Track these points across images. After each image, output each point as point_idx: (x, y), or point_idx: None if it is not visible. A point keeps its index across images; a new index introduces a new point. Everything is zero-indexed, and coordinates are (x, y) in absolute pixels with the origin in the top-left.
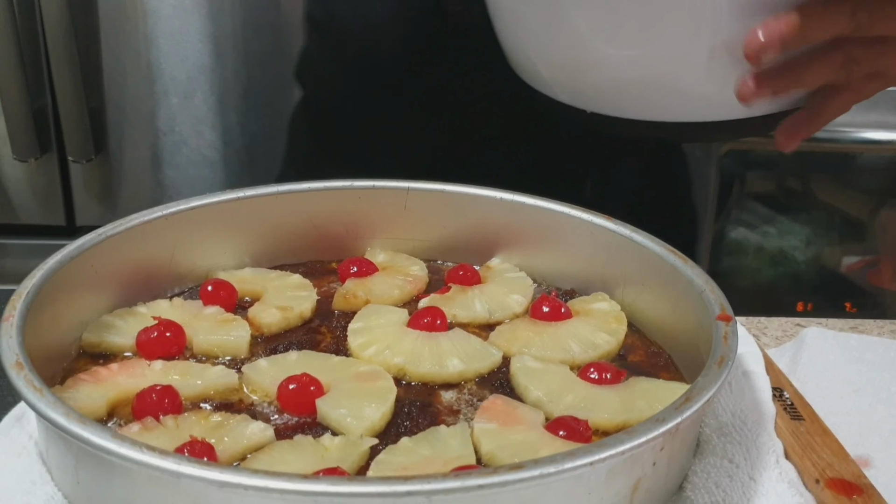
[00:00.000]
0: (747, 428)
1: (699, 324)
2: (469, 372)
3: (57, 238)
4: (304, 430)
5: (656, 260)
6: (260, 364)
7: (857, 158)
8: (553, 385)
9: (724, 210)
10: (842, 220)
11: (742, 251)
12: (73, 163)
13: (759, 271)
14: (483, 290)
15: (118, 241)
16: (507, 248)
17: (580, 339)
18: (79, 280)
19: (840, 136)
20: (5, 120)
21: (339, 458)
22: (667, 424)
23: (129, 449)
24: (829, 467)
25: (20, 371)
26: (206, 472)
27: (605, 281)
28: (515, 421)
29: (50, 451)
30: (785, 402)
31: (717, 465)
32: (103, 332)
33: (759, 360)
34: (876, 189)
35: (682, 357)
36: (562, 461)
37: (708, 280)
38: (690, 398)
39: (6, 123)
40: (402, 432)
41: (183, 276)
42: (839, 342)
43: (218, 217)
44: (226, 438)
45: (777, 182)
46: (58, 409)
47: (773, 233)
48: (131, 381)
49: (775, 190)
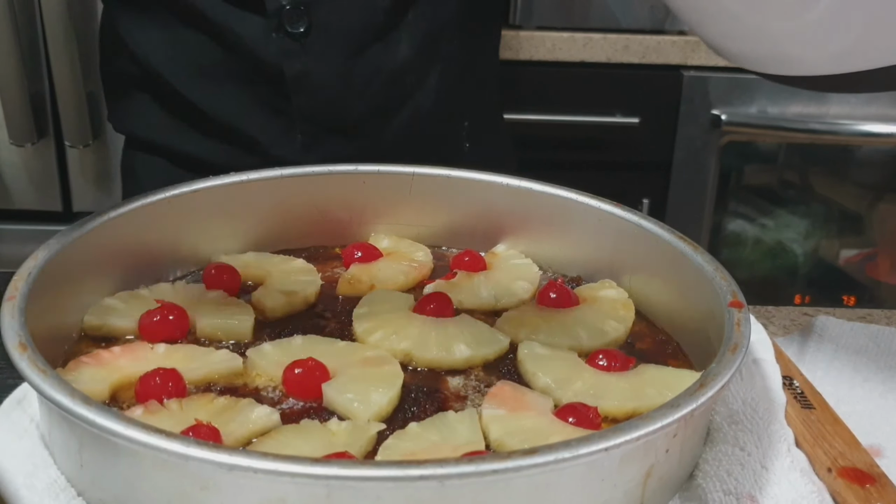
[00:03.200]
0: (758, 416)
1: (709, 311)
2: (476, 358)
3: (54, 223)
4: (310, 415)
5: (665, 247)
6: (265, 348)
7: (855, 151)
8: (561, 372)
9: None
10: (840, 212)
11: (740, 243)
12: (70, 148)
13: (757, 264)
14: (489, 277)
15: (121, 223)
16: (512, 234)
17: (588, 326)
18: (81, 262)
19: (839, 128)
20: (2, 104)
21: (346, 442)
22: (681, 410)
23: (136, 431)
24: (840, 456)
25: (23, 352)
26: (215, 455)
27: (612, 268)
28: (524, 407)
29: (53, 434)
30: (795, 391)
31: (728, 454)
32: (105, 314)
33: (768, 348)
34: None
35: (691, 345)
36: (577, 446)
37: (718, 266)
38: (704, 384)
39: (3, 108)
40: (410, 418)
41: (185, 259)
42: (847, 331)
43: (221, 200)
44: (231, 422)
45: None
46: (62, 391)
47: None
48: (134, 364)
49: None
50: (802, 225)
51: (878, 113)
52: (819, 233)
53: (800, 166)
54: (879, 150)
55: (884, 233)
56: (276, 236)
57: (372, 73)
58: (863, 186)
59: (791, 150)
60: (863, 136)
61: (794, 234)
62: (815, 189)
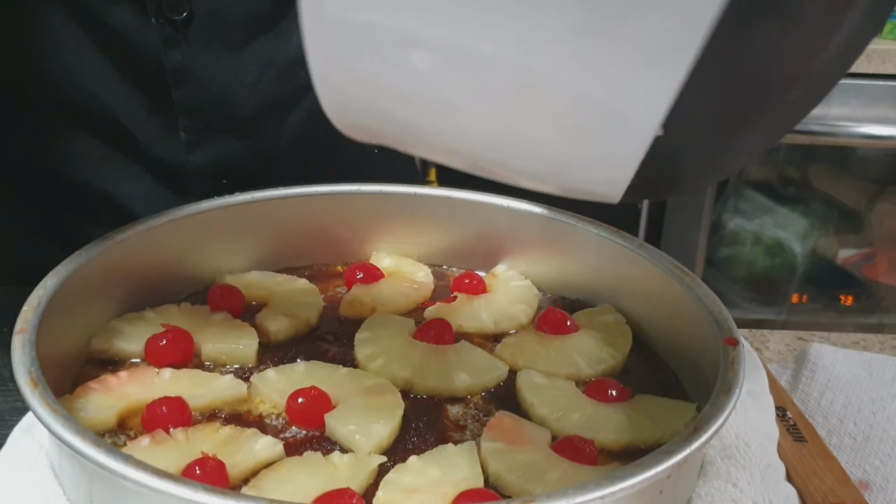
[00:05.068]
0: (751, 451)
1: (705, 344)
2: (476, 386)
3: None
4: (312, 445)
5: (663, 277)
6: (268, 375)
7: (856, 151)
8: (559, 402)
9: (722, 199)
10: (839, 212)
11: (739, 241)
12: None
13: (755, 261)
14: (489, 300)
15: (126, 246)
16: (512, 254)
17: (586, 354)
18: (88, 287)
19: (840, 130)
20: None
21: (348, 477)
22: (675, 457)
23: (145, 475)
24: (831, 492)
25: (35, 388)
26: (222, 502)
27: (611, 293)
28: (522, 440)
29: (63, 467)
30: (787, 423)
31: (721, 489)
32: (112, 337)
33: (762, 380)
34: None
35: (687, 374)
36: (573, 495)
37: (715, 300)
38: (699, 429)
39: None
40: (411, 449)
41: (190, 279)
42: (840, 359)
43: (225, 220)
44: (236, 454)
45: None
46: (73, 430)
47: (770, 223)
48: (141, 390)
49: (774, 179)
50: (801, 224)
51: (879, 115)
52: (818, 232)
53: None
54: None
55: (882, 234)
56: (280, 255)
57: (261, 67)
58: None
59: (792, 148)
60: (863, 138)
61: (793, 233)
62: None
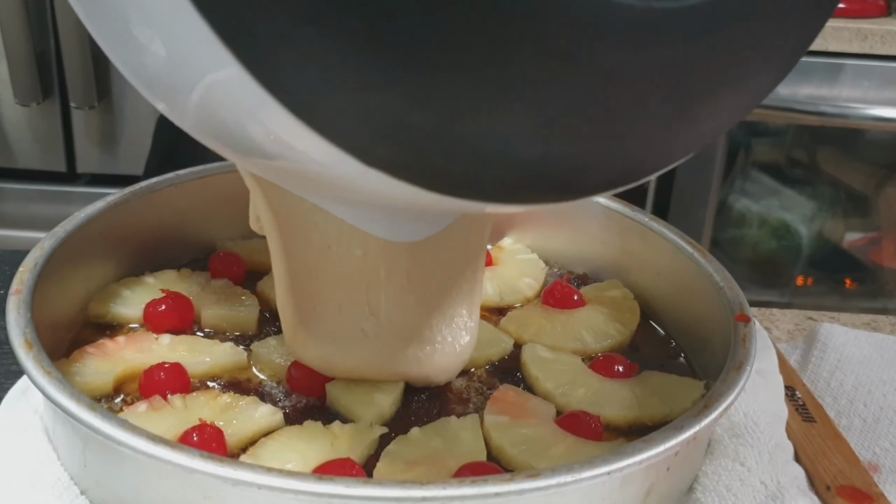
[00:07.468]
0: (759, 430)
1: (715, 320)
2: (480, 359)
3: (57, 184)
4: (313, 414)
5: (673, 251)
6: (269, 342)
7: (865, 134)
8: (565, 377)
9: (729, 180)
10: (847, 195)
11: (745, 222)
12: (75, 109)
13: (760, 243)
14: (495, 273)
15: (125, 208)
16: (519, 227)
17: (593, 329)
18: (86, 249)
19: (851, 111)
20: (7, 63)
21: (348, 446)
22: (685, 433)
23: (142, 441)
24: (840, 474)
25: (29, 351)
26: (220, 469)
27: (619, 267)
28: (526, 414)
29: (57, 431)
30: (797, 403)
31: (728, 468)
32: (110, 302)
33: (772, 358)
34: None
35: (695, 351)
36: (579, 470)
37: (726, 276)
38: (709, 405)
39: (8, 67)
40: (412, 420)
41: (191, 244)
42: (851, 340)
43: (227, 185)
44: (234, 421)
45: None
46: (67, 395)
47: (776, 205)
48: (139, 356)
49: (782, 160)
50: (808, 206)
51: (892, 97)
52: (824, 214)
53: (808, 146)
54: (890, 134)
55: (889, 218)
56: None
57: None
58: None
59: (800, 130)
60: (875, 121)
61: (800, 215)
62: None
